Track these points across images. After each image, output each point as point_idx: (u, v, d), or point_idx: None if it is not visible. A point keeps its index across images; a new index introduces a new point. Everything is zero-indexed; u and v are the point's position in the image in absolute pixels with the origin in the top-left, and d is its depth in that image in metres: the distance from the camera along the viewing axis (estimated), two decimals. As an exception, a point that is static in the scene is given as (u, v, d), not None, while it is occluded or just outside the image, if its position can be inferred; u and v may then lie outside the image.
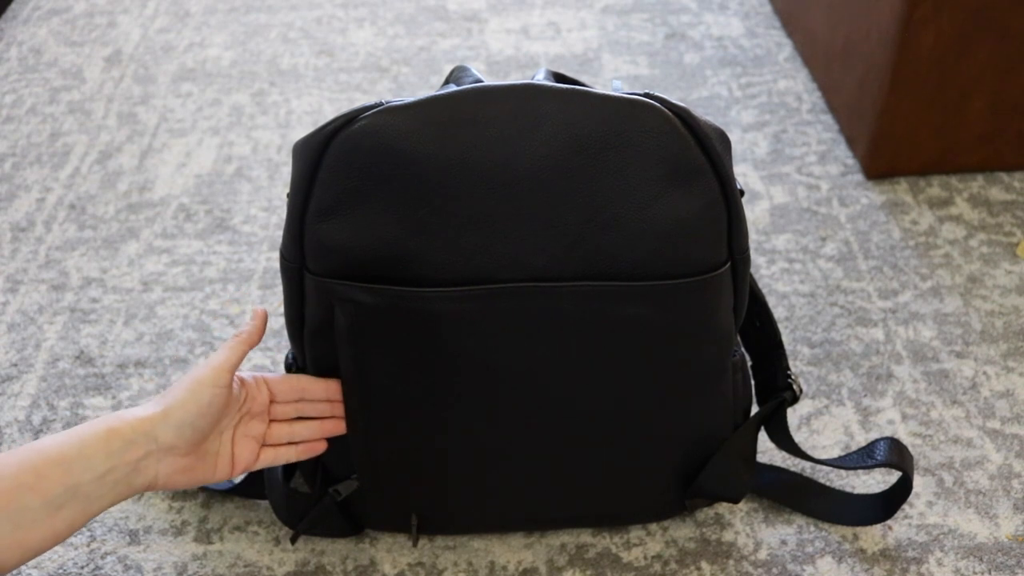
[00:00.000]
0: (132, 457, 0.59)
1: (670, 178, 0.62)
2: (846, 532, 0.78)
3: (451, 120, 0.60)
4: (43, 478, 0.56)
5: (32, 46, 1.45)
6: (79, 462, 0.57)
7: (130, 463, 0.59)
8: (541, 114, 0.60)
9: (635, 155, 0.61)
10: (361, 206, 0.62)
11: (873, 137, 1.11)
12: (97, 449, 0.58)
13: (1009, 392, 0.89)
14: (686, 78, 1.33)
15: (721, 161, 0.63)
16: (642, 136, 0.61)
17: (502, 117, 0.60)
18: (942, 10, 0.99)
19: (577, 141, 0.60)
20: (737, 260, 0.67)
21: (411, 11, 1.51)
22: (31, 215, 1.13)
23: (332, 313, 0.66)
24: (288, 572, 0.77)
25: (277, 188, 1.16)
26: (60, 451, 0.57)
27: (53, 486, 0.56)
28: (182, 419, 0.61)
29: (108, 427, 0.59)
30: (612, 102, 0.61)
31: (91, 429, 0.59)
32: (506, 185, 0.61)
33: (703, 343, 0.67)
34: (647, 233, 0.62)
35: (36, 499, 0.55)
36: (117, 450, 0.58)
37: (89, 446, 0.58)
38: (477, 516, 0.74)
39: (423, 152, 0.60)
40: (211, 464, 0.65)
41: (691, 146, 0.62)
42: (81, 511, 0.57)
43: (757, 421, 0.75)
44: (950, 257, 1.04)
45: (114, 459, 0.58)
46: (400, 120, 0.61)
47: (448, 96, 0.61)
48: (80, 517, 0.58)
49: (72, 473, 0.57)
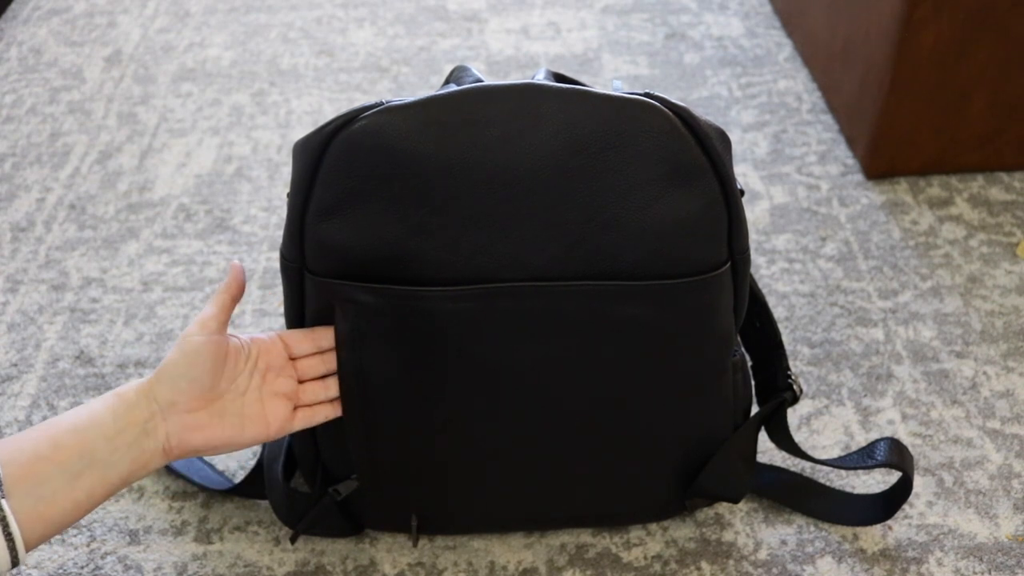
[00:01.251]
0: (138, 418, 0.61)
1: (670, 178, 0.62)
2: (846, 532, 0.78)
3: (451, 120, 0.60)
4: (59, 447, 0.58)
5: (32, 46, 1.46)
6: (91, 428, 0.59)
7: (137, 423, 0.61)
8: (541, 114, 0.60)
9: (635, 155, 0.61)
10: (361, 206, 0.62)
11: (873, 137, 1.11)
12: (105, 414, 0.60)
13: (1009, 392, 0.89)
14: (686, 78, 1.33)
15: (722, 161, 0.63)
16: (643, 136, 0.61)
17: (502, 117, 0.60)
18: (942, 10, 0.99)
19: (577, 141, 0.60)
20: (737, 260, 0.67)
21: (411, 11, 1.51)
22: (31, 215, 1.13)
23: (332, 313, 0.66)
24: (288, 572, 0.77)
25: (277, 188, 1.16)
26: (73, 420, 0.60)
27: (69, 454, 0.58)
28: (173, 373, 0.62)
29: (114, 393, 0.62)
30: (612, 102, 0.61)
31: (100, 398, 0.62)
32: (506, 185, 0.61)
33: (703, 343, 0.67)
34: (647, 233, 0.62)
35: (54, 468, 0.57)
36: (123, 412, 0.61)
37: (98, 412, 0.60)
38: (477, 516, 0.74)
39: (423, 152, 0.60)
40: (235, 424, 0.64)
41: (691, 146, 0.62)
42: (100, 479, 0.59)
43: (757, 421, 0.75)
44: (950, 257, 1.04)
45: (120, 421, 0.60)
46: (400, 120, 0.61)
47: (448, 96, 0.61)
48: (99, 487, 0.59)
49: (85, 439, 0.59)
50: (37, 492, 0.57)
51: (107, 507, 0.82)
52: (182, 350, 0.63)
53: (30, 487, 0.56)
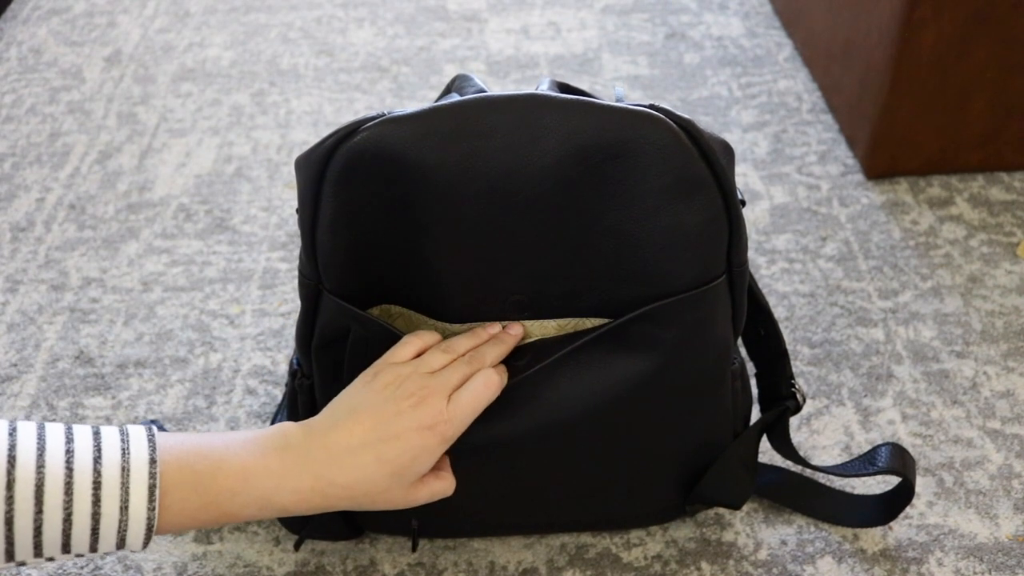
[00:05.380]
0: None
1: (673, 191, 0.61)
2: (846, 532, 0.78)
3: (454, 130, 0.60)
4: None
5: (32, 46, 1.45)
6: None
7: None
8: (544, 124, 0.60)
9: (638, 167, 0.61)
10: (366, 217, 0.62)
11: (873, 137, 1.11)
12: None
13: (1009, 392, 0.89)
14: (686, 78, 1.33)
15: (725, 175, 0.62)
16: (646, 148, 0.60)
17: (505, 127, 0.60)
18: (942, 10, 0.99)
19: (580, 152, 0.60)
20: (735, 272, 0.67)
21: (411, 11, 1.51)
22: (31, 215, 1.13)
23: (344, 330, 0.66)
24: (288, 572, 0.77)
25: (277, 188, 1.16)
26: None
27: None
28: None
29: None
30: (616, 113, 0.60)
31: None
32: (508, 195, 0.61)
33: (700, 354, 0.67)
34: (648, 245, 0.62)
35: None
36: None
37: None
38: (477, 520, 0.74)
39: (425, 162, 0.60)
40: None
41: (695, 159, 0.61)
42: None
43: (759, 429, 0.75)
44: (950, 257, 1.03)
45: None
46: (402, 131, 0.60)
47: (451, 106, 0.60)
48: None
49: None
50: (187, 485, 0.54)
51: (107, 507, 0.82)
52: None
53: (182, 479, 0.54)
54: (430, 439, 0.59)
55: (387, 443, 0.58)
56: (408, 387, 0.60)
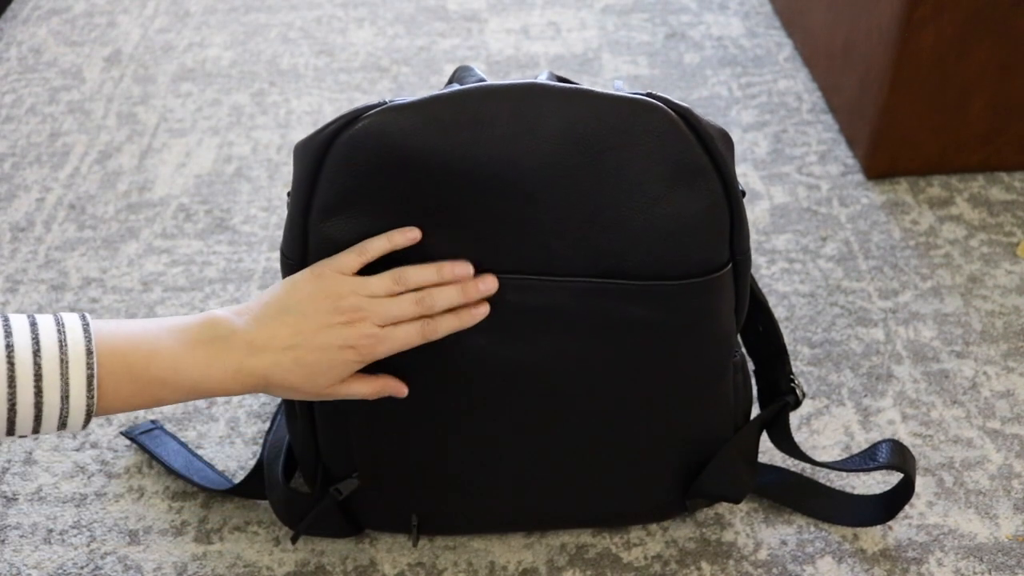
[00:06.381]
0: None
1: (673, 178, 0.62)
2: (846, 532, 0.78)
3: (454, 119, 0.60)
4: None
5: (32, 46, 1.45)
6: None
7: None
8: (544, 113, 0.60)
9: (637, 155, 0.61)
10: (365, 204, 0.62)
11: (873, 137, 1.11)
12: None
13: (1009, 392, 0.89)
14: (686, 78, 1.33)
15: (724, 162, 0.63)
16: (645, 136, 0.61)
17: (505, 116, 0.60)
18: (942, 10, 0.99)
19: (579, 140, 0.60)
20: (739, 261, 0.67)
21: (411, 11, 1.51)
22: (31, 215, 1.13)
23: None
24: (288, 572, 0.77)
25: (277, 188, 1.16)
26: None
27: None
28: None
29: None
30: (615, 102, 0.61)
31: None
32: (509, 183, 0.61)
33: (704, 343, 0.67)
34: (649, 233, 0.62)
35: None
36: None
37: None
38: (477, 516, 0.74)
39: (426, 150, 0.60)
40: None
41: (694, 146, 0.62)
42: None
43: (759, 423, 0.75)
44: (950, 257, 1.03)
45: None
46: (403, 119, 0.61)
47: (451, 95, 0.61)
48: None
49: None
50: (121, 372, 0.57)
51: (107, 507, 0.82)
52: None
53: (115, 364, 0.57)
54: (350, 356, 0.61)
55: (308, 350, 0.60)
56: (342, 305, 0.61)
